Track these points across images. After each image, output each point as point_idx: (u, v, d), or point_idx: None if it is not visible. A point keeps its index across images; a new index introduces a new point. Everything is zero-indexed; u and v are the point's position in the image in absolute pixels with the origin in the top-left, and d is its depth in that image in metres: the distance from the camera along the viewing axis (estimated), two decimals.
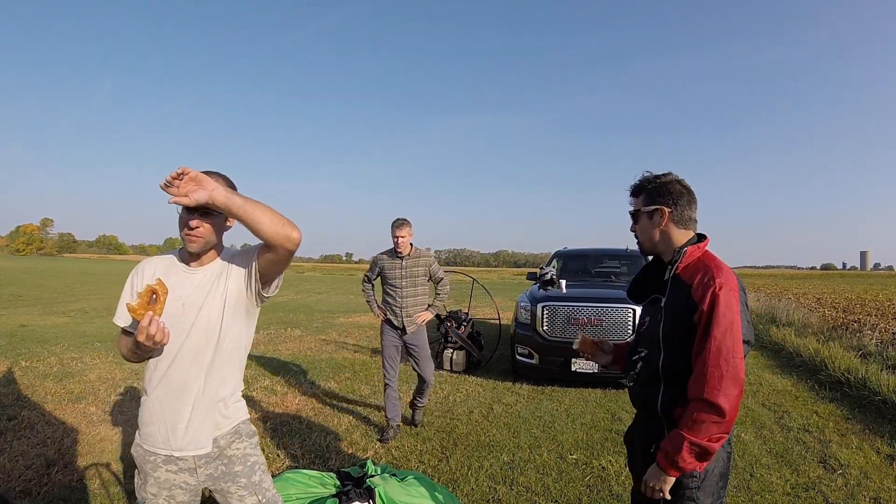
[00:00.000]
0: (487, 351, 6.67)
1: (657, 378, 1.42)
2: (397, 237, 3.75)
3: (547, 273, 6.24)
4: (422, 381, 3.97)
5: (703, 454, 1.27)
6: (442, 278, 4.03)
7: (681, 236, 1.47)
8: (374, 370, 6.00)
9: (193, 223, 1.37)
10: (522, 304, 5.83)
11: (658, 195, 1.48)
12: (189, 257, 1.47)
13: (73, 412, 4.07)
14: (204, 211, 1.36)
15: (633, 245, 1.67)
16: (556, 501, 2.85)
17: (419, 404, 4.07)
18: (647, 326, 1.51)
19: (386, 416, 3.86)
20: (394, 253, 3.84)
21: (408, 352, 3.90)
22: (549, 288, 5.97)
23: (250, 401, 4.57)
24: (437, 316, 6.45)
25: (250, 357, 7.26)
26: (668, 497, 1.35)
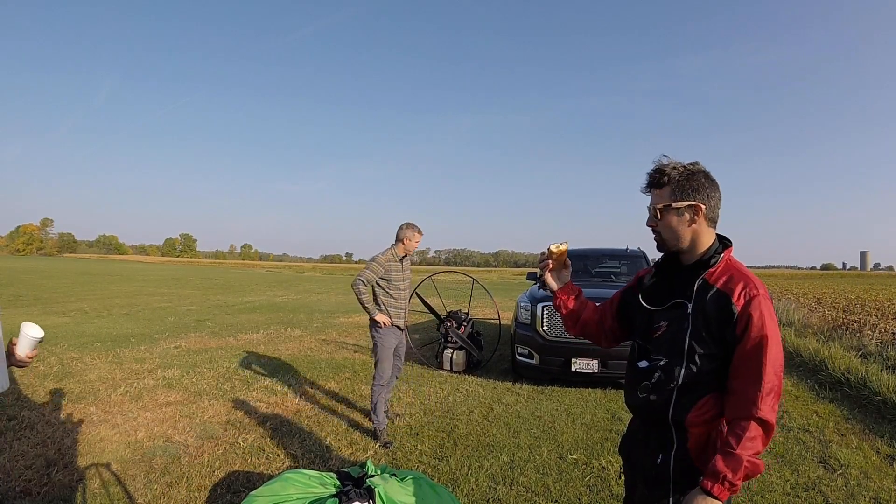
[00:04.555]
0: (487, 351, 6.67)
1: (674, 387, 1.34)
2: (417, 241, 3.89)
3: None
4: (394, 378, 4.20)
5: (754, 471, 1.20)
6: None
7: (709, 237, 1.36)
8: (373, 370, 5.99)
9: None
10: (522, 304, 5.83)
11: (692, 189, 1.33)
12: None
13: (73, 412, 4.08)
14: None
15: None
16: (556, 501, 2.85)
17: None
18: (666, 333, 1.38)
19: (378, 420, 3.73)
20: (396, 255, 3.85)
21: (395, 351, 4.04)
22: None
23: (250, 401, 4.57)
24: (438, 316, 6.44)
25: (250, 357, 7.19)
26: None
